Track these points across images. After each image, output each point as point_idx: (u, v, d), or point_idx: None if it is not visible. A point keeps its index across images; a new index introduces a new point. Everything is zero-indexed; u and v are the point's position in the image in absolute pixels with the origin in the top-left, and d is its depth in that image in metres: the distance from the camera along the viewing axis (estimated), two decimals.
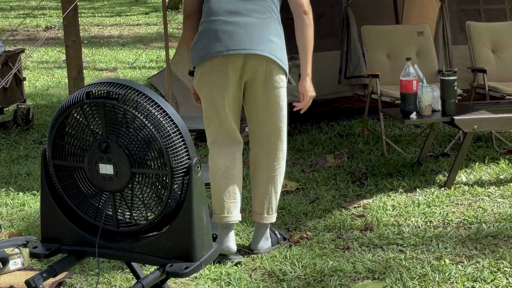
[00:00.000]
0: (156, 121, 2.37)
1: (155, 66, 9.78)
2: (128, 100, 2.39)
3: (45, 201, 2.63)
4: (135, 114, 2.37)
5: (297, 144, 5.62)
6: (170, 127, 2.38)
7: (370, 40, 5.85)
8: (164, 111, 2.38)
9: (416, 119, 4.60)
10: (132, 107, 2.39)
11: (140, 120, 2.37)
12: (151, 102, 2.39)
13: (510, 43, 5.96)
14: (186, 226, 2.43)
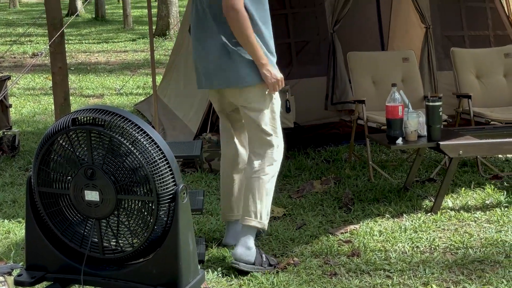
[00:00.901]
0: (142, 147, 2.37)
1: (142, 93, 9.79)
2: (114, 126, 2.39)
3: (30, 228, 2.62)
4: (121, 140, 2.37)
5: (284, 170, 5.62)
6: (156, 153, 2.38)
7: (356, 66, 5.89)
8: (150, 138, 2.39)
9: (402, 145, 4.62)
10: (118, 134, 2.39)
11: (126, 147, 2.37)
12: (137, 128, 2.39)
13: (494, 69, 6.02)
14: (172, 252, 2.43)
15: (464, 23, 6.74)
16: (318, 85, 6.37)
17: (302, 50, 6.44)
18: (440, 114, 4.61)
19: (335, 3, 6.37)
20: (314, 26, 6.45)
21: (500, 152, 5.14)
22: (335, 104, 6.34)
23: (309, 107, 6.35)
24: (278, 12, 6.46)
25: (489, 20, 6.81)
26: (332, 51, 6.33)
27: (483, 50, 6.25)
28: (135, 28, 19.45)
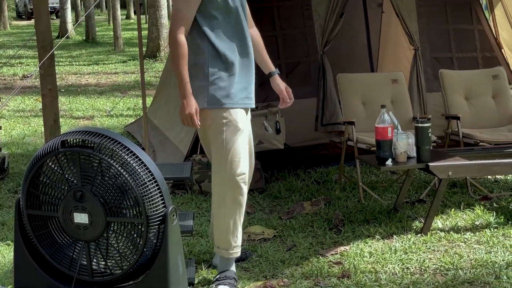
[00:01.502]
0: (131, 169, 2.37)
1: (132, 114, 9.79)
2: (103, 148, 2.39)
3: (18, 251, 2.60)
4: (111, 162, 2.37)
5: (274, 191, 5.62)
6: (145, 175, 2.38)
7: (346, 87, 5.92)
8: (140, 160, 2.39)
9: (391, 166, 4.64)
10: (107, 156, 2.39)
11: (116, 169, 2.37)
12: (127, 150, 2.39)
13: (483, 90, 6.06)
14: (162, 275, 2.42)
15: (453, 45, 6.80)
16: (308, 106, 6.39)
17: (292, 71, 6.47)
18: (429, 135, 4.63)
19: (324, 24, 6.41)
20: (304, 48, 6.48)
21: (489, 173, 5.15)
22: (325, 125, 6.36)
23: (299, 128, 6.37)
24: (268, 34, 6.49)
25: (477, 42, 6.87)
26: (322, 72, 6.36)
27: (471, 71, 6.30)
28: (125, 50, 19.49)
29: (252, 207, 5.24)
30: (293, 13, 6.50)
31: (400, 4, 6.56)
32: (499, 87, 6.08)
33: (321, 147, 6.45)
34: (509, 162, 4.71)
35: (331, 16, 6.40)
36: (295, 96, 6.37)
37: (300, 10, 6.49)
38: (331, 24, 6.39)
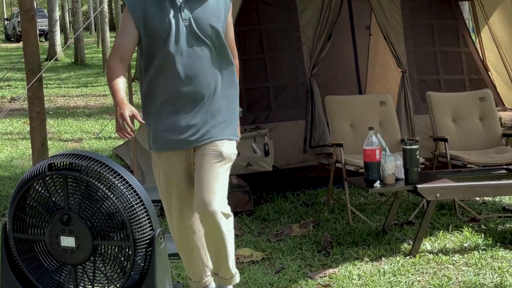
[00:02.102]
0: (119, 192, 2.36)
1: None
2: (90, 171, 2.39)
3: (5, 275, 2.58)
4: (98, 185, 2.36)
5: (263, 213, 5.61)
6: (133, 198, 2.37)
7: (334, 110, 5.94)
8: (127, 182, 2.38)
9: (379, 188, 4.64)
10: (94, 179, 2.38)
11: (103, 192, 2.36)
12: (114, 173, 2.38)
13: (470, 112, 6.10)
14: None
15: (440, 67, 6.85)
16: (297, 128, 6.41)
17: (280, 94, 6.50)
18: (417, 157, 4.65)
19: (312, 47, 6.45)
20: (292, 70, 6.51)
21: (477, 195, 5.17)
22: (314, 147, 6.38)
23: (287, 150, 6.38)
24: (256, 56, 6.53)
25: (464, 64, 6.93)
26: (310, 95, 6.39)
27: (458, 94, 6.34)
28: None
29: (240, 230, 5.22)
30: (281, 35, 6.54)
31: (388, 27, 6.62)
32: (486, 109, 6.12)
33: (310, 169, 6.46)
34: (497, 184, 4.72)
35: (319, 38, 6.44)
36: (284, 118, 6.46)
37: (288, 33, 6.53)
38: (319, 46, 6.43)
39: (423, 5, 6.89)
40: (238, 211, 5.63)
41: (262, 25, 6.55)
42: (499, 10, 6.83)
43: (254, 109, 6.48)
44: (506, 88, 7.03)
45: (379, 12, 6.62)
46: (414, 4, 6.81)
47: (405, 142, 4.69)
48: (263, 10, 6.55)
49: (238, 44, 6.45)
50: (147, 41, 3.23)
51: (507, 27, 6.84)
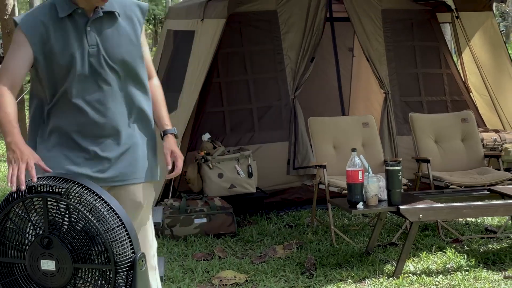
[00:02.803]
0: (100, 215, 2.35)
1: None
2: (71, 194, 2.37)
3: None
4: (79, 208, 2.35)
5: (246, 235, 5.59)
6: (114, 221, 2.36)
7: (317, 131, 5.95)
8: (108, 205, 2.37)
9: (362, 209, 4.65)
10: (75, 201, 2.37)
11: (84, 214, 2.35)
12: (95, 195, 2.37)
13: (452, 133, 6.13)
14: None
15: (422, 88, 6.90)
16: (280, 150, 6.43)
17: (264, 115, 6.51)
18: (400, 178, 4.66)
19: (296, 68, 6.49)
20: (275, 92, 6.54)
21: (460, 215, 5.18)
22: (297, 168, 6.39)
23: (271, 172, 6.38)
24: (240, 78, 6.55)
25: (446, 86, 6.98)
26: (294, 116, 6.41)
27: (440, 115, 6.38)
28: None
29: (223, 252, 5.20)
30: (264, 57, 6.57)
31: (370, 49, 6.67)
32: (468, 130, 6.16)
33: (294, 191, 6.46)
34: (479, 205, 4.74)
35: (302, 60, 6.48)
36: (267, 140, 6.47)
37: (272, 55, 6.56)
38: (302, 68, 6.47)
39: (405, 27, 6.95)
40: (221, 233, 5.61)
41: (245, 47, 6.58)
42: (480, 32, 6.90)
43: (238, 130, 6.49)
44: (488, 109, 7.09)
45: (361, 34, 6.67)
46: (396, 26, 6.87)
47: (387, 163, 4.70)
48: (246, 32, 6.58)
49: (222, 66, 6.50)
50: (47, 68, 2.80)
51: (488, 49, 6.91)
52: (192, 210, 5.65)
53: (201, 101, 6.32)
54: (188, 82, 6.33)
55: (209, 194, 5.96)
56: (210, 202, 5.73)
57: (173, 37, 7.37)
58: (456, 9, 6.94)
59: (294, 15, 6.55)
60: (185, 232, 5.57)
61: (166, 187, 6.02)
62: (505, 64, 6.79)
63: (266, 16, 6.57)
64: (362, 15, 6.69)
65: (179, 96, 6.43)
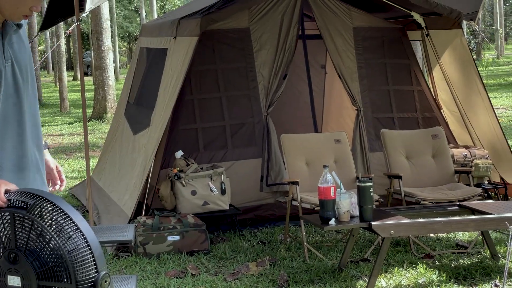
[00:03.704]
0: (65, 233, 2.33)
1: (77, 176, 9.68)
2: (37, 210, 2.36)
3: None
4: (43, 225, 2.34)
5: (220, 252, 5.59)
6: (78, 238, 2.34)
7: (289, 148, 5.98)
8: (74, 223, 2.35)
9: (334, 226, 4.67)
10: (41, 218, 2.35)
11: (48, 232, 2.33)
12: (61, 212, 2.36)
13: (423, 150, 6.20)
14: None
15: (393, 105, 6.97)
16: (253, 167, 6.44)
17: (237, 132, 6.53)
18: (371, 194, 4.69)
19: (268, 86, 6.52)
20: (248, 109, 6.56)
21: (430, 231, 5.23)
22: (270, 185, 6.40)
23: (244, 188, 6.39)
24: (213, 96, 6.57)
25: (417, 103, 7.06)
26: (266, 133, 6.44)
27: (412, 131, 6.45)
28: (71, 111, 19.38)
29: (197, 269, 5.19)
30: (237, 75, 6.60)
31: (342, 66, 6.74)
32: (439, 146, 6.23)
33: (267, 207, 6.47)
34: (450, 220, 4.78)
35: (275, 77, 6.52)
36: (241, 157, 6.48)
37: (244, 72, 6.59)
38: (275, 85, 6.51)
39: (376, 45, 7.03)
40: (194, 250, 5.60)
41: (218, 64, 6.61)
42: (449, 49, 7.00)
43: (211, 147, 6.50)
44: (458, 125, 7.18)
45: (333, 51, 6.74)
46: (368, 43, 6.95)
47: (359, 179, 4.74)
48: (219, 49, 6.61)
49: (195, 83, 6.52)
50: None
51: (457, 66, 7.01)
52: (165, 227, 5.64)
53: (174, 118, 6.32)
54: (161, 99, 6.35)
55: (182, 211, 5.95)
56: (183, 219, 5.72)
57: (146, 54, 7.39)
58: (426, 27, 7.03)
59: (267, 32, 6.60)
60: (158, 250, 5.55)
61: (139, 205, 6.00)
62: (474, 81, 6.88)
63: (238, 33, 6.61)
64: (334, 32, 6.76)
65: (152, 113, 6.44)
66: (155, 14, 26.00)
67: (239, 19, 6.59)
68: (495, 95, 18.16)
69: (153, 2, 26.21)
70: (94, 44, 15.53)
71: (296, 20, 6.57)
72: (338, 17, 6.82)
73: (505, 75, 24.22)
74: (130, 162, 6.66)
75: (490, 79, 23.04)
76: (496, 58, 33.22)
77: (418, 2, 6.59)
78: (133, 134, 6.91)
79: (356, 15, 6.93)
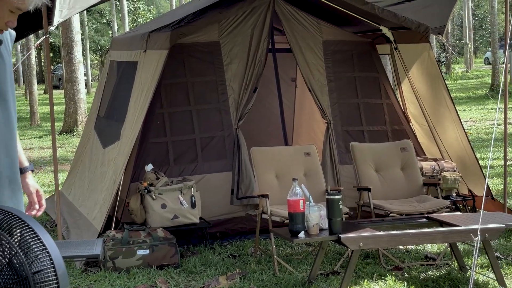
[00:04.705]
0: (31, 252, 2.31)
1: (47, 190, 9.59)
2: (5, 226, 2.34)
3: None
4: (9, 240, 2.32)
5: (190, 266, 5.57)
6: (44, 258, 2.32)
7: (259, 161, 6.00)
8: (39, 239, 2.34)
9: (304, 238, 4.68)
10: (10, 235, 2.33)
11: (13, 247, 2.31)
12: (27, 228, 2.34)
13: (392, 162, 6.25)
14: None
15: (363, 118, 7.02)
16: (224, 180, 6.44)
17: (207, 146, 6.53)
18: (340, 207, 4.72)
19: (238, 99, 6.54)
20: (218, 122, 6.57)
21: (399, 243, 5.27)
22: (241, 198, 6.41)
23: (215, 202, 6.39)
24: (183, 109, 6.57)
25: (386, 116, 7.12)
26: (237, 146, 6.44)
27: (381, 144, 6.50)
28: (42, 125, 19.22)
29: (166, 283, 5.17)
30: (207, 88, 6.61)
31: (312, 79, 6.78)
32: (407, 159, 6.28)
33: (237, 220, 6.47)
34: (418, 233, 4.83)
35: (245, 90, 6.54)
36: (211, 170, 6.48)
37: (214, 85, 6.60)
38: (245, 98, 6.52)
39: (346, 58, 7.08)
40: (164, 264, 5.57)
41: (189, 77, 6.61)
42: (417, 63, 7.08)
43: (181, 161, 6.49)
44: (427, 138, 7.25)
45: (303, 65, 6.78)
46: (337, 57, 7.00)
47: (328, 192, 4.76)
48: (189, 63, 6.62)
49: (165, 97, 6.51)
50: None
51: (425, 80, 7.09)
52: (135, 241, 5.61)
53: (144, 131, 6.31)
54: (131, 113, 6.33)
55: (152, 225, 5.92)
56: (153, 233, 5.70)
57: (116, 68, 7.37)
58: (394, 40, 7.11)
59: (237, 46, 6.62)
60: (127, 264, 5.52)
61: (109, 219, 5.96)
62: (442, 94, 6.97)
63: (208, 47, 6.63)
64: (304, 46, 6.81)
65: (122, 126, 6.42)
66: (127, 27, 25.94)
67: (209, 33, 6.60)
68: (464, 108, 18.38)
69: (125, 15, 26.16)
70: (65, 58, 15.46)
71: (266, 33, 6.61)
72: (308, 30, 6.87)
73: (474, 88, 24.53)
74: (100, 176, 6.62)
75: (459, 92, 23.32)
76: (465, 71, 33.64)
77: (387, 16, 6.67)
78: (103, 148, 6.87)
79: (325, 29, 6.99)
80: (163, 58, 6.06)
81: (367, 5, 6.57)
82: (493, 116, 16.24)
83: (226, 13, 6.44)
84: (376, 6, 6.59)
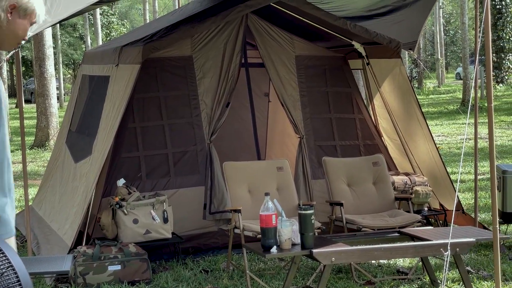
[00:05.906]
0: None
1: (17, 205, 9.47)
2: None
3: None
4: None
5: (161, 281, 5.53)
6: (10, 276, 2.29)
7: (232, 175, 5.99)
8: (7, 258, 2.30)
9: (276, 253, 4.67)
10: None
11: None
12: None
13: (364, 177, 6.28)
14: None
15: (336, 133, 7.05)
16: (196, 194, 6.41)
17: (179, 160, 6.51)
18: (313, 222, 4.72)
19: (211, 114, 6.53)
20: (191, 137, 6.55)
21: (371, 258, 5.28)
22: (213, 213, 6.38)
23: (187, 217, 6.36)
24: (155, 123, 6.54)
25: (358, 130, 7.16)
26: (209, 161, 6.43)
27: (352, 159, 6.53)
28: (13, 139, 19.00)
29: None
30: (179, 102, 6.59)
31: (284, 94, 6.80)
32: (379, 173, 6.32)
33: (210, 235, 6.44)
34: (390, 247, 4.85)
35: (218, 105, 6.54)
36: (183, 185, 6.45)
37: (187, 100, 6.59)
38: (218, 113, 6.52)
39: (319, 73, 7.12)
40: (136, 280, 5.53)
41: (161, 92, 6.59)
42: (389, 78, 7.13)
43: (153, 175, 6.46)
44: (399, 153, 7.30)
45: (276, 79, 6.80)
46: (310, 72, 7.03)
47: (300, 207, 4.76)
48: (161, 77, 6.60)
49: (137, 111, 6.49)
50: None
51: (397, 95, 7.14)
52: (106, 257, 5.56)
53: (116, 146, 6.27)
54: (102, 127, 6.29)
55: (124, 240, 5.87)
56: (124, 248, 5.65)
57: (88, 82, 7.33)
58: (366, 56, 7.16)
59: (210, 60, 6.63)
60: (98, 280, 5.46)
61: (80, 234, 5.90)
62: (413, 109, 7.02)
63: (181, 61, 6.62)
64: (276, 61, 6.83)
65: (94, 141, 6.37)
66: (100, 41, 25.84)
67: (182, 47, 6.60)
68: (436, 122, 18.55)
69: (98, 29, 26.06)
70: (37, 71, 15.33)
71: (239, 48, 6.62)
72: (280, 45, 6.90)
73: (445, 103, 24.78)
74: (71, 191, 6.56)
75: (431, 107, 23.54)
76: (437, 86, 33.99)
77: (359, 32, 6.72)
78: (75, 162, 6.82)
79: (298, 43, 7.02)
80: (135, 72, 6.04)
81: (339, 21, 6.62)
82: (464, 130, 16.41)
83: (199, 27, 6.44)
84: (348, 22, 6.65)
